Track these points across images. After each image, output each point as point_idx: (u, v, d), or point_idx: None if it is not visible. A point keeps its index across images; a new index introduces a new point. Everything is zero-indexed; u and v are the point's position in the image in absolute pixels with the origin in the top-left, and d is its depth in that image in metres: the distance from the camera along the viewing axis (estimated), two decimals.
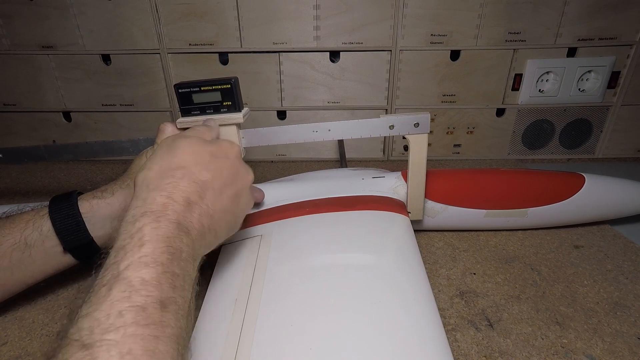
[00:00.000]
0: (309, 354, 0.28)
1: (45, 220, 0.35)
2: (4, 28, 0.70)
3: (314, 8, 0.67)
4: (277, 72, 0.73)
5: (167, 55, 0.72)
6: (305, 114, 0.76)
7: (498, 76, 0.72)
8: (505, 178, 0.49)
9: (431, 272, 0.45)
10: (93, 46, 0.71)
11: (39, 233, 0.35)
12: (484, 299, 0.41)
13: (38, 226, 0.35)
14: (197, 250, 0.28)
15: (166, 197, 0.27)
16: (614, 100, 0.73)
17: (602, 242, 0.50)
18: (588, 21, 0.67)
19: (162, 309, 0.22)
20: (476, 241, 0.51)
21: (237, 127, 0.40)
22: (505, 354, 0.34)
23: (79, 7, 0.68)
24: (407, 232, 0.42)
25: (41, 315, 0.40)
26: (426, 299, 0.33)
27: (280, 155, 0.80)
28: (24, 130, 0.79)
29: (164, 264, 0.24)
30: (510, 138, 0.77)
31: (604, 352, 0.34)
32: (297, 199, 0.48)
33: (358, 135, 0.41)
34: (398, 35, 0.69)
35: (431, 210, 0.48)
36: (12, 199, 0.66)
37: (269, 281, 0.36)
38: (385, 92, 0.74)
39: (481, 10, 0.67)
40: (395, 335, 0.29)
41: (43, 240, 0.35)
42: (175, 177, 0.29)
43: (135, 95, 0.75)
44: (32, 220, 0.35)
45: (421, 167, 0.43)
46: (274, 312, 0.32)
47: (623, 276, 0.44)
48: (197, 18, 0.69)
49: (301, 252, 0.39)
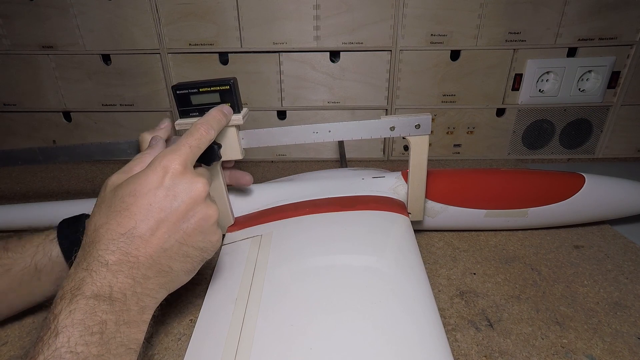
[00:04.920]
0: (309, 354, 0.28)
1: (54, 245, 0.35)
2: (4, 28, 0.70)
3: (314, 8, 0.67)
4: (277, 72, 0.73)
5: (167, 55, 0.72)
6: (305, 114, 0.76)
7: (498, 76, 0.72)
8: (505, 178, 0.49)
9: (431, 272, 0.45)
10: (93, 46, 0.71)
11: (49, 258, 0.35)
12: (484, 299, 0.41)
13: (48, 251, 0.35)
14: (143, 299, 0.28)
15: (85, 269, 0.26)
16: (614, 100, 0.73)
17: (602, 242, 0.50)
18: (588, 21, 0.67)
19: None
20: (476, 241, 0.51)
21: (237, 129, 0.39)
22: (505, 354, 0.34)
23: (79, 7, 0.68)
24: (407, 232, 0.42)
25: (41, 316, 0.40)
26: (426, 299, 0.33)
27: (280, 155, 0.80)
28: (24, 130, 0.79)
29: (81, 353, 0.23)
30: (511, 138, 0.77)
31: (604, 352, 0.34)
32: (297, 199, 0.48)
33: (359, 136, 0.41)
34: (398, 35, 0.69)
35: (431, 210, 0.48)
36: (12, 199, 0.66)
37: (269, 281, 0.36)
38: (385, 92, 0.74)
39: (481, 10, 0.67)
40: (395, 335, 0.29)
41: (52, 265, 0.35)
42: (98, 234, 0.28)
43: (136, 95, 0.75)
44: (42, 244, 0.35)
45: (422, 168, 0.43)
46: (274, 312, 0.32)
47: (623, 276, 0.44)
48: (197, 18, 0.69)
49: (301, 252, 0.39)
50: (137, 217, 0.28)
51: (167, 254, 0.29)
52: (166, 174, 0.30)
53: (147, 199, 0.29)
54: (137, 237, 0.28)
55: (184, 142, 0.32)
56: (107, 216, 0.28)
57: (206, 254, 0.32)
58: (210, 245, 0.32)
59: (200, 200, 0.31)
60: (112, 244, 0.27)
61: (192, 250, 0.31)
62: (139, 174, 0.30)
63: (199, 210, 0.30)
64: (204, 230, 0.31)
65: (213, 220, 0.32)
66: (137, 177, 0.30)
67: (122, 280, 0.27)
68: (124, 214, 0.28)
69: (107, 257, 0.27)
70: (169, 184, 0.29)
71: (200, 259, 0.32)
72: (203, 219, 0.31)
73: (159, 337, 0.37)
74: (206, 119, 0.35)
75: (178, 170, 0.30)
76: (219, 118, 0.36)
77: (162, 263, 0.29)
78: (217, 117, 0.36)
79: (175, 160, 0.30)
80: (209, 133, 0.34)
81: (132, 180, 0.30)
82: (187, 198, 0.30)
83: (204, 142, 0.33)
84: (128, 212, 0.28)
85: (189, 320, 0.38)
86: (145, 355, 0.35)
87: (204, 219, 0.31)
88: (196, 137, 0.33)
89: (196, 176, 0.31)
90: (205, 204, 0.31)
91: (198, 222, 0.30)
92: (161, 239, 0.29)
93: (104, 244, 0.27)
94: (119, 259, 0.27)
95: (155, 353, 0.35)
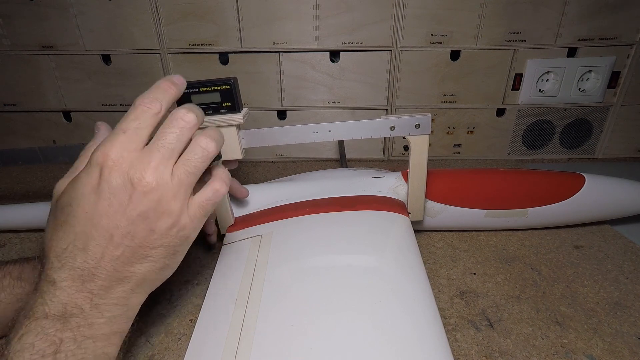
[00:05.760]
0: (309, 354, 0.28)
1: None
2: (4, 28, 0.70)
3: (314, 8, 0.67)
4: (277, 72, 0.73)
5: (167, 55, 0.72)
6: (305, 114, 0.76)
7: (498, 76, 0.72)
8: (505, 178, 0.49)
9: (431, 272, 0.45)
10: (93, 46, 0.71)
11: None
12: (484, 299, 0.41)
13: None
14: (110, 309, 0.26)
15: (35, 290, 0.25)
16: (614, 100, 0.73)
17: (602, 242, 0.50)
18: (588, 21, 0.67)
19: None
20: (476, 241, 0.51)
21: (237, 128, 0.39)
22: (505, 354, 0.34)
23: (79, 7, 0.68)
24: (407, 232, 0.42)
25: None
26: (426, 299, 0.33)
27: (281, 155, 0.80)
28: (24, 130, 0.79)
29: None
30: (511, 138, 0.77)
31: (604, 352, 0.34)
32: (297, 199, 0.48)
33: (359, 136, 0.41)
34: (398, 35, 0.69)
35: (431, 210, 0.48)
36: (12, 199, 0.66)
37: (269, 281, 0.36)
38: (385, 92, 0.74)
39: (481, 10, 0.67)
40: (395, 335, 0.29)
41: None
42: (45, 251, 0.26)
43: (136, 95, 0.74)
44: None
45: (422, 168, 0.43)
46: (274, 312, 0.32)
47: (623, 276, 0.44)
48: (197, 18, 0.69)
49: (301, 252, 0.39)
50: (76, 229, 0.26)
51: (121, 261, 0.26)
52: (102, 172, 0.26)
53: (83, 207, 0.26)
54: (79, 250, 0.25)
55: (118, 126, 0.27)
56: (52, 230, 0.27)
57: (173, 245, 0.28)
58: (172, 236, 0.28)
59: (141, 189, 0.26)
60: (56, 260, 0.25)
61: (150, 250, 0.27)
62: (75, 178, 0.27)
63: (142, 202, 0.26)
64: (153, 225, 0.27)
65: (164, 203, 0.27)
66: (73, 183, 0.27)
67: (76, 295, 0.25)
68: (63, 227, 0.26)
69: (54, 274, 0.25)
70: (105, 184, 0.25)
71: (168, 252, 0.28)
72: (150, 209, 0.26)
73: (159, 337, 0.37)
74: (147, 92, 0.29)
75: (113, 164, 0.25)
76: (165, 87, 0.30)
77: (120, 270, 0.26)
78: (163, 87, 0.30)
79: (109, 151, 0.26)
80: (151, 107, 0.28)
81: (70, 187, 0.27)
82: (124, 196, 0.26)
83: (147, 119, 0.27)
84: (67, 224, 0.26)
85: (189, 320, 0.38)
86: (146, 355, 0.35)
87: (152, 209, 0.26)
88: (132, 117, 0.27)
89: (137, 161, 0.26)
90: (148, 189, 0.26)
91: (143, 216, 0.26)
92: (107, 247, 0.26)
93: (50, 261, 0.26)
94: (68, 275, 0.25)
95: (155, 353, 0.35)
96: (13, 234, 0.54)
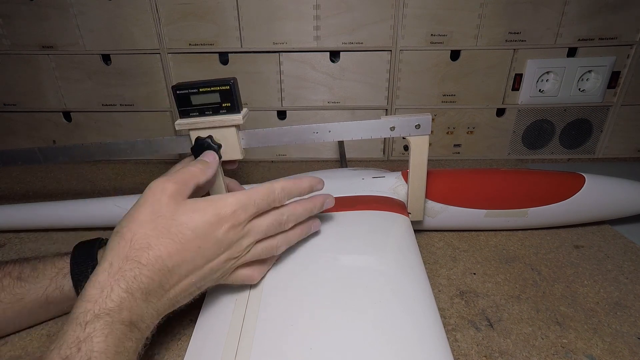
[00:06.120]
0: (309, 353, 0.28)
1: (67, 280, 0.35)
2: (4, 28, 0.70)
3: (314, 8, 0.67)
4: (277, 72, 0.73)
5: (167, 55, 0.72)
6: (305, 114, 0.76)
7: (498, 76, 0.72)
8: (505, 178, 0.49)
9: (431, 272, 0.45)
10: (93, 46, 0.71)
11: (60, 291, 0.35)
12: (484, 299, 0.41)
13: (60, 285, 0.35)
14: (162, 313, 0.29)
15: (125, 290, 0.26)
16: (614, 100, 0.73)
17: (602, 242, 0.50)
18: (588, 21, 0.67)
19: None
20: (476, 241, 0.51)
21: (237, 129, 0.39)
22: (505, 354, 0.34)
23: (79, 7, 0.68)
24: (407, 232, 0.42)
25: None
26: (426, 299, 0.33)
27: (281, 156, 0.80)
28: (24, 130, 0.79)
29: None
30: (511, 138, 0.77)
31: (604, 352, 0.34)
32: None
33: (359, 136, 0.41)
34: (398, 35, 0.69)
35: (431, 210, 0.48)
36: (12, 199, 0.66)
37: (269, 281, 0.36)
38: (385, 92, 0.74)
39: (481, 10, 0.67)
40: (395, 335, 0.29)
41: (63, 298, 0.35)
42: (140, 261, 0.27)
43: (135, 95, 0.75)
44: (55, 278, 0.35)
45: (422, 168, 0.43)
46: (274, 312, 0.32)
47: (623, 276, 0.44)
48: (197, 18, 0.69)
49: (301, 252, 0.39)
50: (184, 256, 0.28)
51: (184, 295, 0.30)
52: (223, 224, 0.30)
53: (199, 242, 0.29)
54: (175, 275, 0.28)
55: (251, 194, 0.32)
56: (157, 237, 0.28)
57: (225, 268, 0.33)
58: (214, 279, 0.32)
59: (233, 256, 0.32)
60: (156, 274, 0.27)
61: (203, 284, 0.31)
62: (205, 209, 0.29)
63: (228, 265, 0.32)
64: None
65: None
66: (202, 213, 0.29)
67: (150, 312, 0.27)
68: (176, 246, 0.28)
69: (149, 286, 0.27)
70: (222, 236, 0.30)
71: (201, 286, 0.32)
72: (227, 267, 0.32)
73: (159, 336, 0.37)
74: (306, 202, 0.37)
75: (230, 225, 0.30)
76: (310, 208, 0.37)
77: (177, 300, 0.30)
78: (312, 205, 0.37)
79: (237, 213, 0.30)
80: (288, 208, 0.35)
81: (197, 215, 0.29)
82: (226, 253, 0.31)
83: (267, 199, 0.33)
84: (181, 246, 0.28)
85: (189, 320, 0.38)
86: (145, 355, 0.35)
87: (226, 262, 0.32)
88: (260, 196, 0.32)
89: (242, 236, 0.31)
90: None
91: (221, 271, 0.32)
92: (189, 283, 0.29)
93: (149, 270, 0.27)
94: (155, 290, 0.27)
95: (156, 353, 0.35)
96: (13, 234, 0.54)
